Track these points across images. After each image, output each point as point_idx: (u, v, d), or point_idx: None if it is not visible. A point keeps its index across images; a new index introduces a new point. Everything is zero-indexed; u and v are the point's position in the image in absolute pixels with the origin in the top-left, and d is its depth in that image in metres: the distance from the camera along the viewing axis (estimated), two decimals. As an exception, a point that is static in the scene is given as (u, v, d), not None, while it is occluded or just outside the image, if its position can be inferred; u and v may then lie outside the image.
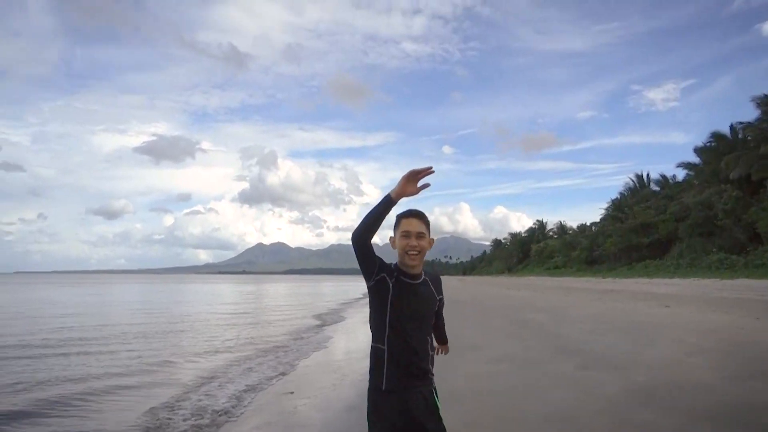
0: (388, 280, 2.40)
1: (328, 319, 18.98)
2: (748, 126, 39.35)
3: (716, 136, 43.37)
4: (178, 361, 9.28)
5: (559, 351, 8.67)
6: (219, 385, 7.31)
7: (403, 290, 2.41)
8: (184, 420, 5.43)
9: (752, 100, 38.30)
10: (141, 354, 9.94)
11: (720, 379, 5.96)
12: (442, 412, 2.50)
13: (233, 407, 6.03)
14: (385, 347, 2.41)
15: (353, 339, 13.13)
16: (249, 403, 6.29)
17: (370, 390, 2.47)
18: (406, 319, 2.40)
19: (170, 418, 5.49)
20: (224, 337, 13.22)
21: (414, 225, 2.45)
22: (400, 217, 2.49)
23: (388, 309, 2.39)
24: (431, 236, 2.52)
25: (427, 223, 2.50)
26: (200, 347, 11.16)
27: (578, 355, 8.15)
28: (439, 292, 2.63)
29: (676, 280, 32.18)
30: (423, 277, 2.52)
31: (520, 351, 8.91)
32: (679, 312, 13.60)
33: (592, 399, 5.48)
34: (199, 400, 6.32)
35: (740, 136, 41.38)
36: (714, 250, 39.43)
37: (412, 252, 2.42)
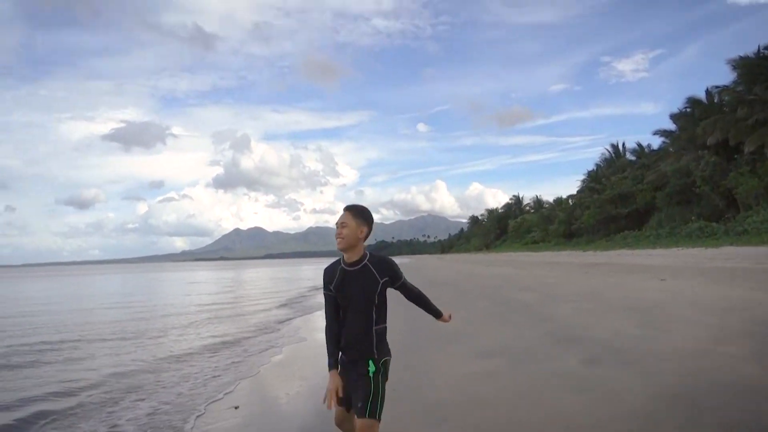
0: (337, 274, 2.90)
1: (301, 307, 17.52)
2: (724, 89, 38.56)
3: (692, 102, 42.58)
4: (99, 380, 7.48)
5: (557, 339, 7.42)
6: (137, 400, 5.82)
7: (344, 278, 2.88)
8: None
9: (728, 63, 37.46)
10: (64, 368, 8.25)
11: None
12: (377, 376, 2.86)
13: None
14: (341, 328, 2.95)
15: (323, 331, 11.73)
16: (175, 424, 4.86)
17: None
18: (347, 304, 2.89)
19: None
20: (175, 334, 11.66)
21: (341, 217, 2.91)
22: None
23: (338, 296, 2.92)
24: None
25: (355, 214, 2.89)
26: (141, 353, 9.53)
27: (580, 344, 6.90)
28: (385, 273, 2.88)
29: (660, 251, 31.51)
30: (363, 262, 2.88)
31: (512, 340, 7.64)
32: (678, 286, 12.49)
33: (615, 410, 4.19)
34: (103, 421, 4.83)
35: (716, 100, 40.67)
36: (693, 218, 39.03)
37: (337, 238, 2.87)
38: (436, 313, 3.19)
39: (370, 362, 2.86)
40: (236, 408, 5.46)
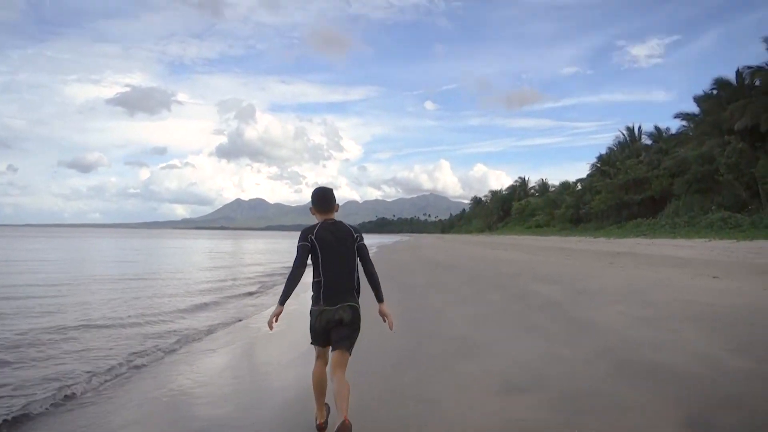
0: None
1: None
2: (757, 70, 35.67)
3: (719, 83, 39.59)
4: None
5: (615, 363, 5.14)
6: None
7: None
8: None
9: (763, 41, 34.50)
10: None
11: None
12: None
13: None
14: None
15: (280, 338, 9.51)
16: None
17: None
18: None
19: None
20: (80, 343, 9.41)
21: None
22: None
23: None
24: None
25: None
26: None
27: (661, 379, 4.60)
28: None
29: (682, 241, 29.15)
30: None
31: (548, 361, 5.36)
32: (742, 288, 10.11)
33: None
34: None
35: (746, 82, 37.73)
36: (713, 207, 36.62)
37: None
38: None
39: None
40: None
